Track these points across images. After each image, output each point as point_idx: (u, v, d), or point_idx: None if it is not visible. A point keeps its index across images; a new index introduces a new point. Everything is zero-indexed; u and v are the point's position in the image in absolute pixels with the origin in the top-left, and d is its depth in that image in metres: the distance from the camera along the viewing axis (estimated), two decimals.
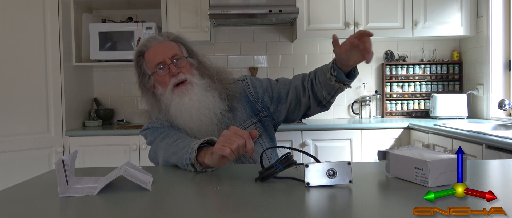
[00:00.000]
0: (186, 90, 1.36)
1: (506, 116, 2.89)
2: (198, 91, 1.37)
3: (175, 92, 1.37)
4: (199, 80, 1.39)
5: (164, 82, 1.38)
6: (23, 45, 2.62)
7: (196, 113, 1.35)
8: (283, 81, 1.50)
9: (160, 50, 1.39)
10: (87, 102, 3.23)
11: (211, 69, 1.45)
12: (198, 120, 1.36)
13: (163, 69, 1.37)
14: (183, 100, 1.36)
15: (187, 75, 1.38)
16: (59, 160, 0.91)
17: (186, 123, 1.38)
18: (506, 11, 2.91)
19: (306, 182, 0.91)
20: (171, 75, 1.37)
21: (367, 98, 3.33)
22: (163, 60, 1.37)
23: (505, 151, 1.86)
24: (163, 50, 1.38)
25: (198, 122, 1.36)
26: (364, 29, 1.17)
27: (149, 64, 1.40)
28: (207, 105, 1.36)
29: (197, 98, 1.36)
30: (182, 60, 1.40)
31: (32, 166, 2.59)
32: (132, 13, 3.25)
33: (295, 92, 1.44)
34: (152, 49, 1.40)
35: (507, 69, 2.92)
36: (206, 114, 1.36)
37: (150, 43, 1.41)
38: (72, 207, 0.82)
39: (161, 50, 1.39)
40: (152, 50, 1.40)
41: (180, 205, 0.87)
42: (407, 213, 0.72)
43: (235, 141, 1.03)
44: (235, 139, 1.03)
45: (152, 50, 1.40)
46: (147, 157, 1.48)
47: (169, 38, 1.44)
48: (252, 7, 2.92)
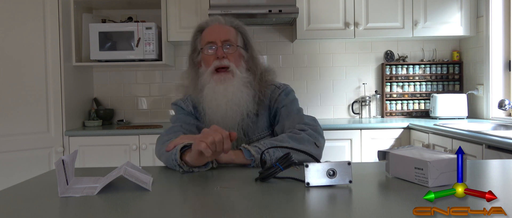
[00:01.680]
0: (225, 79, 1.36)
1: (506, 116, 2.89)
2: (236, 83, 1.37)
3: (214, 76, 1.37)
4: (241, 73, 1.39)
5: (208, 62, 1.39)
6: (23, 45, 2.62)
7: (225, 105, 1.35)
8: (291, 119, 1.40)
9: (216, 30, 1.40)
10: (87, 102, 3.23)
11: (258, 68, 1.45)
12: (224, 112, 1.36)
13: (212, 49, 1.38)
14: (218, 86, 1.36)
15: (231, 63, 1.38)
16: (59, 160, 0.91)
17: (211, 111, 1.37)
18: (506, 11, 2.91)
19: (306, 182, 0.91)
20: (216, 57, 1.37)
21: (367, 98, 3.33)
22: (215, 40, 1.38)
23: (505, 151, 1.86)
24: (218, 31, 1.40)
25: (224, 114, 1.36)
26: None
27: (202, 40, 1.42)
28: (239, 102, 1.36)
29: (232, 90, 1.36)
30: (233, 48, 1.40)
31: (32, 166, 2.59)
32: (132, 13, 3.25)
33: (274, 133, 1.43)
34: (210, 28, 1.42)
35: (507, 69, 2.92)
36: (234, 109, 1.36)
37: (211, 22, 1.44)
38: (72, 207, 0.82)
39: (217, 31, 1.40)
40: (209, 29, 1.42)
41: (180, 205, 0.87)
42: (407, 213, 0.72)
43: (211, 135, 1.03)
44: (212, 134, 1.04)
45: (210, 29, 1.42)
46: (147, 157, 1.48)
47: (231, 24, 1.44)
48: (252, 7, 2.92)
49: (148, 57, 2.97)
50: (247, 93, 1.38)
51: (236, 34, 1.43)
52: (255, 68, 1.44)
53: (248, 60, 1.44)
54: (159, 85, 3.41)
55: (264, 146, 1.20)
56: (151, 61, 3.02)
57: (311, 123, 1.34)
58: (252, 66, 1.44)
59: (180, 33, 3.03)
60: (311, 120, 1.37)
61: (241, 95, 1.36)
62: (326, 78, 3.42)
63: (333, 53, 3.41)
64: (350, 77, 3.42)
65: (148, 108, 3.41)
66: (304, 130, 1.29)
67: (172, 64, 3.32)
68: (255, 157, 1.17)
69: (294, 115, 1.39)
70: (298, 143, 1.23)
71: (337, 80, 3.42)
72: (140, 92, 3.40)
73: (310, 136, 1.27)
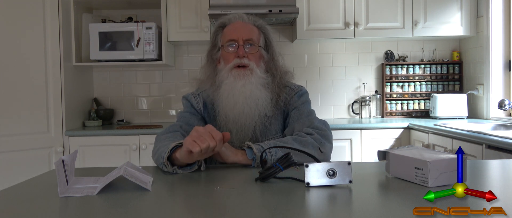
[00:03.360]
0: (244, 75, 1.34)
1: (506, 116, 2.89)
2: (255, 81, 1.34)
3: (233, 72, 1.35)
4: (260, 73, 1.37)
5: (227, 59, 1.37)
6: (23, 45, 2.62)
7: (242, 103, 1.32)
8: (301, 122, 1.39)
9: (239, 29, 1.38)
10: (87, 102, 3.23)
11: (278, 70, 1.42)
12: (241, 110, 1.33)
13: (233, 47, 1.37)
14: (236, 82, 1.34)
15: (251, 63, 1.36)
16: (59, 160, 0.91)
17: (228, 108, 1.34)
18: (506, 11, 2.91)
19: (306, 182, 0.91)
20: (237, 55, 1.35)
21: (367, 98, 3.33)
22: (237, 38, 1.36)
23: (505, 151, 1.86)
24: (241, 30, 1.37)
25: (240, 112, 1.33)
26: None
27: (223, 37, 1.40)
28: (256, 101, 1.33)
29: (250, 88, 1.33)
30: (254, 48, 1.38)
31: (32, 166, 2.59)
32: (132, 13, 3.25)
33: None
34: (232, 25, 1.40)
35: (507, 69, 2.92)
36: (251, 107, 1.33)
37: (234, 19, 1.41)
38: (72, 207, 0.82)
39: (239, 29, 1.38)
40: (232, 26, 1.40)
41: (180, 205, 0.87)
42: (407, 213, 0.72)
43: (207, 141, 1.02)
44: (207, 139, 1.03)
45: (232, 26, 1.40)
46: (147, 157, 1.47)
47: (254, 23, 1.42)
48: (252, 7, 2.92)
49: (148, 57, 2.97)
50: (265, 93, 1.36)
51: (259, 34, 1.41)
52: (274, 70, 1.41)
53: (268, 62, 1.42)
54: (159, 85, 3.41)
55: (266, 145, 1.19)
56: (151, 61, 3.02)
57: (320, 127, 1.32)
58: (272, 68, 1.41)
59: (180, 33, 3.03)
60: (321, 124, 1.35)
61: (259, 94, 1.34)
62: (326, 78, 3.42)
63: (333, 53, 3.41)
64: (350, 77, 3.42)
65: (148, 108, 3.41)
66: (310, 134, 1.28)
67: (172, 64, 3.32)
68: (256, 155, 1.16)
69: (304, 118, 1.37)
70: (302, 146, 1.20)
71: (337, 80, 3.42)
72: (140, 92, 3.40)
73: (315, 141, 1.25)
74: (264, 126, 1.37)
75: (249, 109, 1.33)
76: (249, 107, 1.33)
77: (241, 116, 1.33)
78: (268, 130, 1.39)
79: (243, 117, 1.33)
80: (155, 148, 1.23)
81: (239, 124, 1.34)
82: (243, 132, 1.35)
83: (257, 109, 1.34)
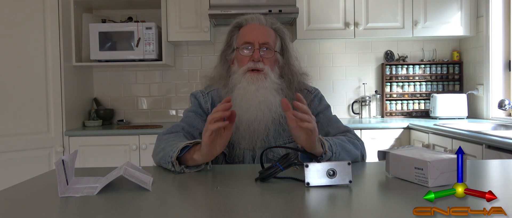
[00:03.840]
0: (258, 79, 1.31)
1: (506, 116, 2.89)
2: (269, 86, 1.32)
3: (247, 76, 1.32)
4: (275, 78, 1.34)
5: (242, 62, 1.34)
6: (23, 45, 2.62)
7: (256, 107, 1.30)
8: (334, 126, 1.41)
9: (255, 31, 1.35)
10: (87, 102, 3.23)
11: (294, 75, 1.40)
12: (254, 115, 1.30)
13: (249, 50, 1.34)
14: (250, 86, 1.30)
15: (266, 67, 1.33)
16: (59, 160, 0.91)
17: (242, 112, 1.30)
18: (506, 11, 2.91)
19: (306, 182, 0.91)
20: (251, 58, 1.32)
21: (367, 98, 3.33)
22: (253, 41, 1.32)
23: (505, 151, 1.86)
24: (258, 33, 1.34)
25: (254, 116, 1.30)
26: (298, 105, 1.05)
27: (239, 39, 1.37)
28: (270, 106, 1.30)
29: (264, 92, 1.30)
30: (270, 52, 1.34)
31: (32, 166, 2.59)
32: (132, 13, 3.25)
33: None
34: (249, 27, 1.37)
35: (507, 69, 2.92)
36: (264, 112, 1.30)
37: (251, 21, 1.38)
38: (72, 207, 0.82)
39: (256, 32, 1.34)
40: (248, 27, 1.37)
41: (180, 205, 0.87)
42: (407, 213, 0.72)
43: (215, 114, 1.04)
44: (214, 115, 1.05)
45: (249, 28, 1.36)
46: (147, 157, 1.47)
47: (272, 25, 1.39)
48: (252, 7, 2.92)
49: (148, 57, 2.97)
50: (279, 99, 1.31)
51: (276, 37, 1.38)
52: (290, 75, 1.39)
53: (283, 66, 1.39)
54: (159, 85, 3.41)
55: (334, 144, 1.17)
56: (151, 61, 3.02)
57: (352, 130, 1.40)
58: (287, 72, 1.39)
59: (180, 33, 3.03)
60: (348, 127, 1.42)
61: (273, 99, 1.31)
62: (326, 78, 3.42)
63: (333, 53, 3.41)
64: (350, 77, 3.42)
65: (148, 108, 3.41)
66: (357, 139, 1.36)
67: (172, 64, 3.32)
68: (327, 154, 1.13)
69: (334, 123, 1.41)
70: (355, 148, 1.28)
71: (337, 80, 3.42)
72: (140, 92, 3.40)
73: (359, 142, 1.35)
74: (277, 132, 1.35)
75: (262, 114, 1.30)
76: (262, 112, 1.30)
77: (254, 121, 1.31)
78: (281, 136, 1.37)
79: (256, 122, 1.31)
80: (158, 148, 1.23)
81: (251, 129, 1.31)
82: (255, 137, 1.32)
83: (270, 114, 1.31)
